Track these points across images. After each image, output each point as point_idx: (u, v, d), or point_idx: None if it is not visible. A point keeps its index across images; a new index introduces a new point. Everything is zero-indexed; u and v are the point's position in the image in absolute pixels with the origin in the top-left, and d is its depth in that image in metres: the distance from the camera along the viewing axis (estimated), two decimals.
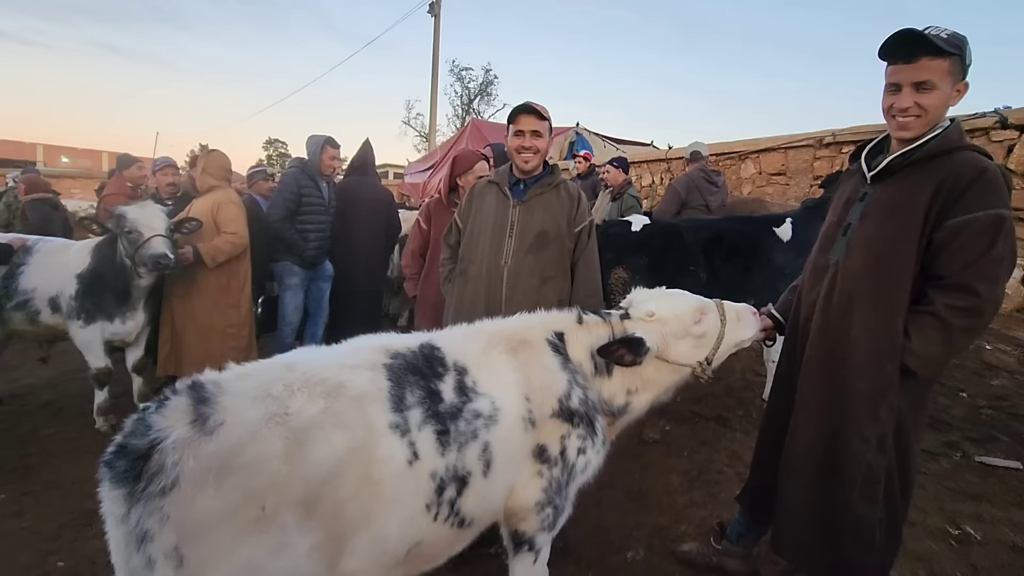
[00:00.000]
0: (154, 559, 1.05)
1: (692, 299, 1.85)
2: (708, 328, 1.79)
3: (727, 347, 1.84)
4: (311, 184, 4.30)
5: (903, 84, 1.60)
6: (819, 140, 7.15)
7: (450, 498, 1.39)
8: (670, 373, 1.81)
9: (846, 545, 1.75)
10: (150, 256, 3.28)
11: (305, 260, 4.30)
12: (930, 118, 1.60)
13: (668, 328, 1.76)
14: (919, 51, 1.55)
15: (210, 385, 1.17)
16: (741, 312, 1.89)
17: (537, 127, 2.31)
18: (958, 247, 1.55)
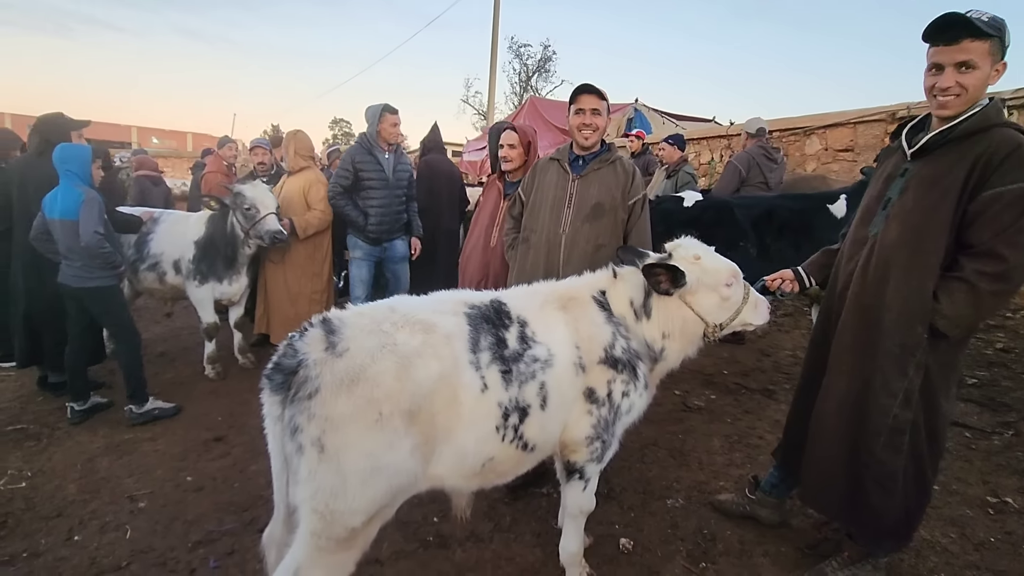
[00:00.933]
0: (303, 446, 1.41)
1: (731, 263, 2.00)
2: (733, 295, 1.95)
3: (739, 322, 1.99)
4: (369, 158, 4.08)
5: (945, 65, 1.71)
6: (892, 114, 6.84)
7: (514, 424, 1.69)
8: (692, 324, 1.96)
9: (869, 490, 1.93)
10: (267, 232, 3.90)
11: (368, 237, 4.17)
12: (969, 97, 1.71)
13: (705, 276, 1.91)
14: (962, 33, 1.66)
15: (336, 320, 1.52)
16: (760, 302, 2.05)
17: (597, 106, 2.53)
18: (990, 217, 1.68)
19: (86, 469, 2.96)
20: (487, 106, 17.78)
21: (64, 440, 3.27)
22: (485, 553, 2.33)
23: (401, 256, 4.38)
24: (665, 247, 2.04)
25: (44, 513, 2.59)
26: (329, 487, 1.41)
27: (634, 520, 2.55)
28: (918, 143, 1.86)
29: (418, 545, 2.37)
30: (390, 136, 4.12)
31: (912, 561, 2.26)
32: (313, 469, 1.41)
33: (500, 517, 2.56)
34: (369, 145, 4.11)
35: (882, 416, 1.88)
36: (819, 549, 2.31)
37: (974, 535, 2.42)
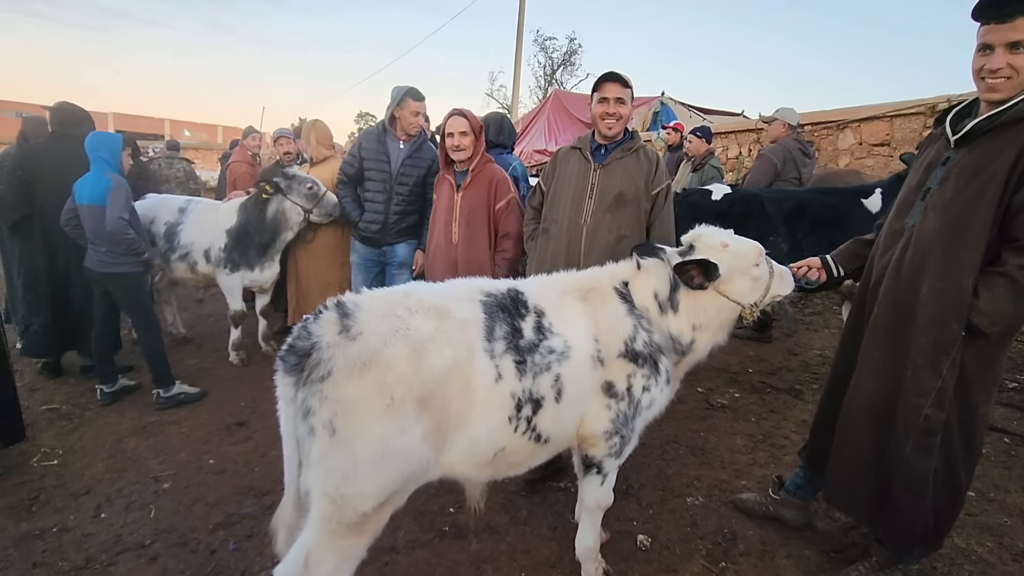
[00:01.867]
0: (315, 428, 1.40)
1: (754, 242, 1.96)
2: (763, 274, 1.92)
3: (769, 297, 1.95)
4: (376, 147, 3.60)
5: (996, 45, 1.59)
6: (932, 107, 6.56)
7: (527, 415, 1.65)
8: (728, 310, 1.92)
9: (898, 494, 1.84)
10: (334, 205, 4.01)
11: (362, 236, 3.74)
12: (1021, 80, 1.59)
13: (735, 262, 1.86)
14: (1015, 10, 1.54)
15: (350, 304, 1.50)
16: (783, 271, 2.03)
17: (621, 94, 2.46)
18: None
19: (114, 449, 3.04)
20: (511, 100, 17.71)
21: (94, 421, 3.36)
22: (501, 545, 2.31)
23: (400, 262, 3.78)
24: (683, 240, 1.99)
25: (74, 490, 2.67)
26: (340, 470, 1.41)
27: (652, 517, 2.50)
28: (963, 129, 1.75)
29: (434, 535, 2.36)
30: (409, 126, 3.59)
31: (945, 569, 2.16)
32: (324, 452, 1.40)
33: (517, 510, 2.53)
34: (381, 131, 3.65)
35: (913, 416, 1.79)
36: (845, 553, 2.23)
37: (1013, 545, 2.30)
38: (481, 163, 2.97)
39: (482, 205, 2.95)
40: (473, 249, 2.95)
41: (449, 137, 2.90)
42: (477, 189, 2.95)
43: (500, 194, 2.95)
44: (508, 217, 2.96)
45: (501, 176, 2.99)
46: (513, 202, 2.98)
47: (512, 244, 2.96)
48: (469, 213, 2.94)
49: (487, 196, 2.95)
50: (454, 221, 2.98)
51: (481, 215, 2.95)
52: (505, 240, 2.98)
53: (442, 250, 3.02)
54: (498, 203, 2.95)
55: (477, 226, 2.95)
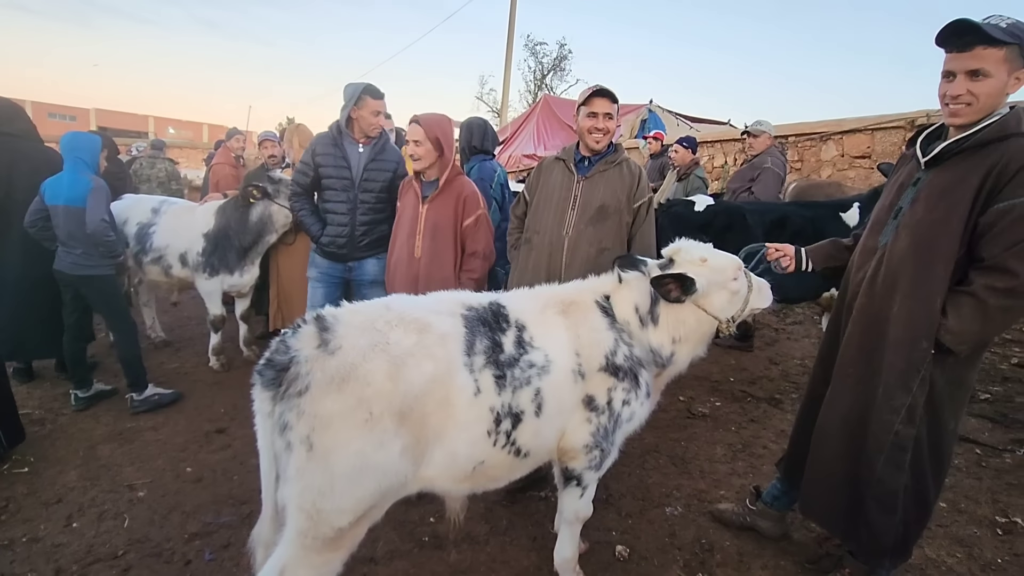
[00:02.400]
0: (292, 443, 1.39)
1: (733, 256, 1.99)
2: (741, 287, 1.94)
3: (747, 310, 1.98)
4: (332, 151, 3.23)
5: (957, 72, 1.65)
6: (911, 121, 6.72)
7: (506, 429, 1.66)
8: (707, 324, 1.95)
9: (869, 507, 1.88)
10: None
11: (324, 251, 3.36)
12: (981, 106, 1.65)
13: (714, 276, 1.88)
14: (973, 40, 1.59)
15: (330, 317, 1.50)
16: (762, 285, 2.05)
17: (609, 110, 2.49)
18: (1000, 230, 1.62)
19: (88, 456, 2.98)
20: (501, 104, 17.75)
21: (68, 427, 3.30)
22: (480, 555, 2.31)
23: (372, 279, 3.37)
24: (663, 252, 2.01)
25: (45, 499, 2.61)
26: (317, 486, 1.40)
27: (631, 527, 2.52)
28: (933, 151, 1.80)
29: (413, 545, 2.35)
30: (369, 127, 3.22)
31: None
32: (301, 467, 1.40)
33: (497, 520, 2.54)
34: (337, 135, 3.25)
35: (884, 432, 1.83)
36: (820, 564, 2.26)
37: (981, 556, 2.36)
38: (451, 175, 2.81)
39: (449, 220, 2.77)
40: (437, 266, 2.76)
41: (407, 144, 2.84)
42: (444, 203, 2.77)
43: (469, 210, 2.78)
44: (477, 234, 2.79)
45: (471, 191, 2.83)
46: (482, 219, 2.81)
47: (479, 263, 2.80)
48: (434, 227, 2.76)
49: (455, 211, 2.77)
50: (418, 234, 2.79)
51: (447, 230, 2.77)
52: (472, 259, 2.81)
53: (403, 264, 2.84)
54: (467, 219, 2.78)
55: (442, 241, 2.76)
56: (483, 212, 2.82)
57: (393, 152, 3.41)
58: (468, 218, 2.79)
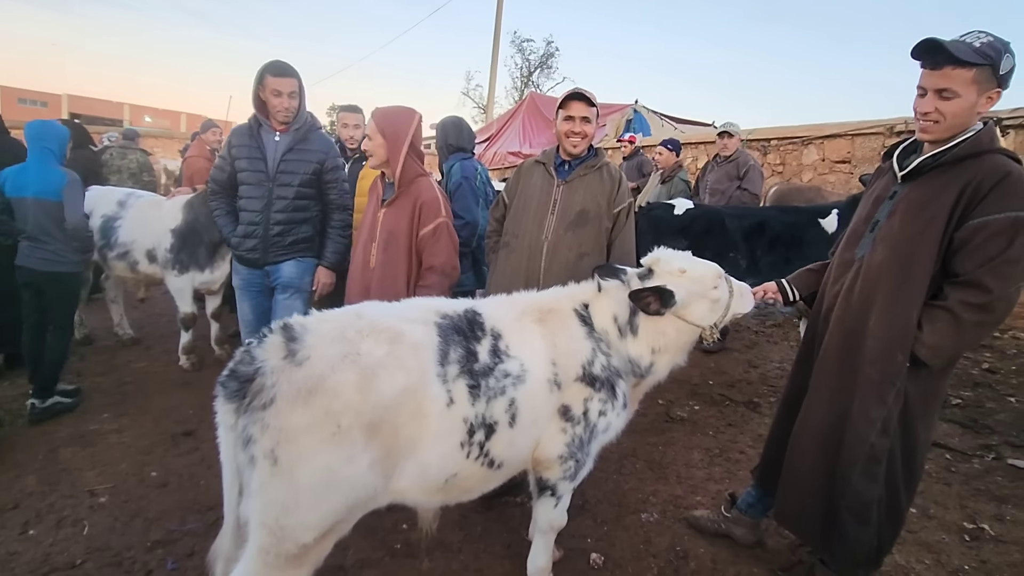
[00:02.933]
0: (256, 457, 1.34)
1: (712, 264, 1.97)
2: (722, 296, 1.92)
3: (729, 316, 1.97)
4: (247, 143, 2.92)
5: (928, 89, 1.66)
6: (890, 128, 6.83)
7: (479, 441, 1.62)
8: (688, 333, 1.94)
9: (844, 518, 1.89)
10: None
11: (238, 255, 3.06)
12: (949, 124, 1.66)
13: (693, 287, 1.87)
14: (942, 60, 1.60)
15: (298, 327, 1.44)
16: (743, 289, 2.03)
17: (586, 113, 2.44)
18: (975, 246, 1.63)
19: (48, 459, 2.87)
20: (487, 100, 17.65)
21: (26, 428, 3.17)
22: (453, 564, 2.27)
23: (286, 283, 3.03)
24: (642, 261, 1.99)
25: (0, 504, 2.50)
26: (280, 501, 1.35)
27: (607, 534, 2.50)
28: (909, 165, 1.81)
29: (385, 553, 2.31)
30: (276, 110, 2.86)
31: None
32: (265, 482, 1.34)
33: (471, 526, 2.50)
34: (254, 123, 2.94)
35: (859, 444, 1.83)
36: (792, 572, 2.27)
37: (949, 562, 2.39)
38: (406, 177, 2.47)
39: (403, 228, 2.46)
40: (389, 279, 2.47)
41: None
42: (400, 209, 2.47)
43: (426, 218, 2.45)
44: (435, 246, 2.46)
45: (430, 197, 2.49)
46: (443, 229, 2.48)
47: (436, 279, 2.46)
48: (388, 236, 2.48)
49: (410, 219, 2.46)
50: (374, 241, 2.52)
51: (401, 240, 2.46)
52: (429, 273, 2.47)
53: (358, 273, 2.59)
54: (423, 228, 2.46)
55: (395, 252, 2.46)
56: (444, 221, 2.49)
57: (321, 142, 3.03)
58: (425, 227, 2.46)
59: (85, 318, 4.66)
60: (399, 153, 2.45)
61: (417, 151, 2.56)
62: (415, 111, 2.56)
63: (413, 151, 2.52)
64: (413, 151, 2.52)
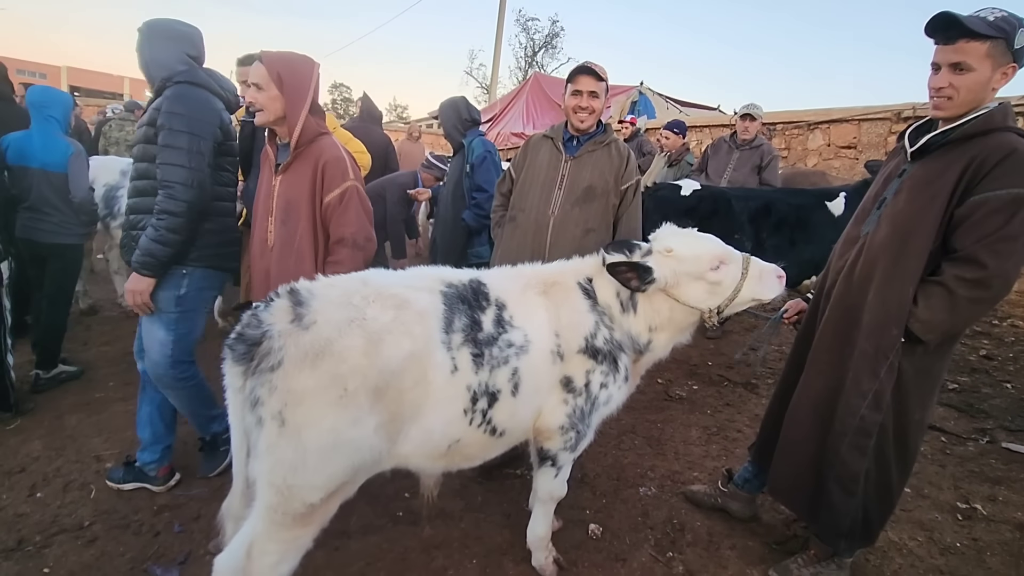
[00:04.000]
0: (263, 419, 1.36)
1: (716, 246, 1.88)
2: (724, 278, 1.84)
3: (743, 300, 1.88)
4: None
5: (942, 64, 1.65)
6: (897, 114, 6.76)
7: (482, 408, 1.64)
8: (683, 313, 1.89)
9: (831, 488, 1.92)
10: None
11: None
12: (962, 100, 1.65)
13: (683, 267, 1.82)
14: (957, 34, 1.59)
15: (304, 292, 1.45)
16: (765, 272, 1.89)
17: (595, 88, 2.42)
18: (974, 222, 1.63)
19: (54, 426, 2.91)
20: (490, 79, 17.45)
21: (33, 396, 3.20)
22: (454, 531, 2.31)
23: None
24: (649, 238, 1.97)
25: (7, 468, 2.55)
26: (288, 462, 1.37)
27: (605, 507, 2.54)
28: (918, 143, 1.80)
29: (387, 520, 2.35)
30: None
31: (877, 562, 2.27)
32: (272, 443, 1.36)
33: (471, 496, 2.54)
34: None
35: (850, 416, 1.86)
36: (787, 546, 2.31)
37: (941, 540, 2.43)
38: (304, 135, 2.11)
39: (304, 196, 2.11)
40: (291, 259, 2.14)
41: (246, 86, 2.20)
42: (298, 175, 2.12)
43: (331, 181, 2.11)
44: (343, 215, 2.11)
45: (333, 157, 2.13)
46: (351, 194, 2.13)
47: (348, 252, 2.11)
48: (287, 207, 2.14)
49: (311, 184, 2.11)
50: (270, 215, 2.18)
51: (302, 211, 2.12)
52: (338, 247, 2.13)
53: (258, 255, 2.26)
54: (328, 194, 2.11)
55: (296, 226, 2.13)
56: (353, 185, 2.15)
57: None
58: (330, 192, 2.11)
59: (89, 289, 4.68)
60: (301, 107, 2.10)
61: (318, 107, 2.23)
62: (314, 59, 2.20)
63: (314, 107, 2.18)
64: (314, 107, 2.18)
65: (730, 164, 5.04)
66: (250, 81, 2.10)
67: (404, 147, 9.09)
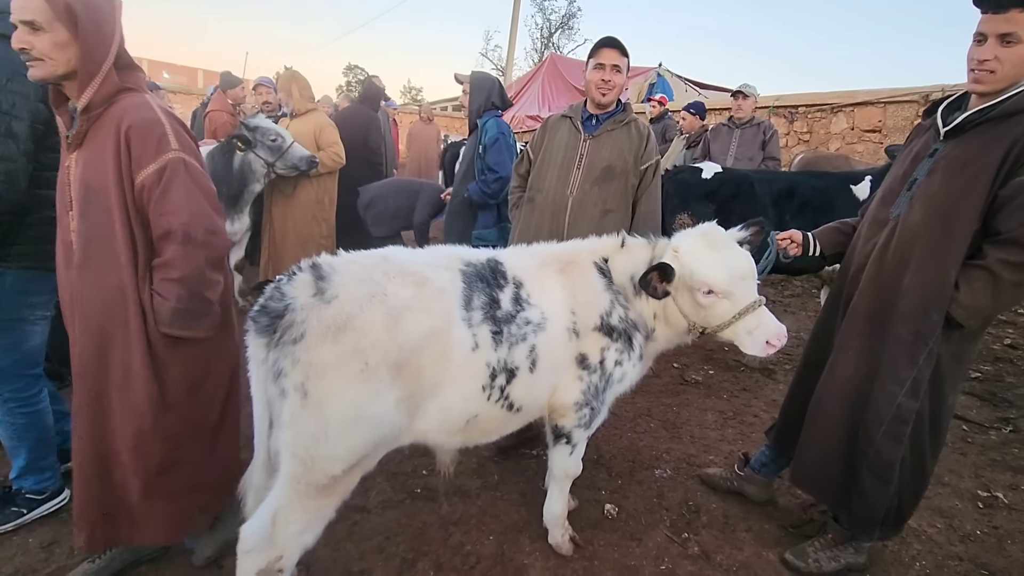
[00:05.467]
0: (286, 390, 1.38)
1: (720, 273, 1.72)
2: (712, 306, 1.75)
3: (723, 336, 1.81)
4: None
5: (989, 35, 1.58)
6: (926, 96, 6.57)
7: (500, 384, 1.66)
8: (674, 314, 1.86)
9: (864, 479, 1.89)
10: (300, 158, 3.89)
11: None
12: (1005, 74, 1.58)
13: (682, 272, 1.74)
14: (1008, 2, 1.52)
15: (326, 266, 1.46)
16: (760, 330, 1.74)
17: (618, 62, 2.38)
18: (1019, 204, 1.58)
19: None
20: (506, 61, 17.25)
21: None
22: (471, 508, 2.34)
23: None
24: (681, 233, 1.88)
25: None
26: (310, 433, 1.40)
27: (620, 487, 2.56)
28: (953, 121, 1.74)
29: (405, 496, 2.39)
30: None
31: (895, 547, 2.26)
32: (295, 414, 1.39)
33: (488, 475, 2.57)
34: None
35: (886, 404, 1.82)
36: (803, 529, 2.31)
37: (961, 527, 2.41)
38: (102, 95, 1.55)
39: (107, 178, 1.54)
40: (97, 267, 1.59)
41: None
42: (96, 149, 1.56)
43: (141, 154, 1.54)
44: (164, 199, 1.55)
45: (142, 119, 1.56)
46: (174, 168, 1.56)
47: (179, 251, 1.55)
48: (86, 195, 1.58)
49: (115, 160, 1.54)
50: (69, 210, 1.61)
51: (107, 199, 1.55)
52: (166, 244, 1.57)
53: (63, 263, 1.67)
54: (139, 172, 1.54)
55: (101, 220, 1.57)
56: (177, 158, 1.57)
57: None
58: (142, 170, 1.54)
59: None
60: (102, 57, 1.54)
61: (127, 59, 1.64)
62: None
63: (121, 59, 1.61)
64: (121, 59, 1.61)
65: (732, 144, 5.00)
66: (19, 19, 1.47)
67: (416, 129, 9.06)
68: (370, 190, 4.58)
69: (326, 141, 4.18)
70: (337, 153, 4.20)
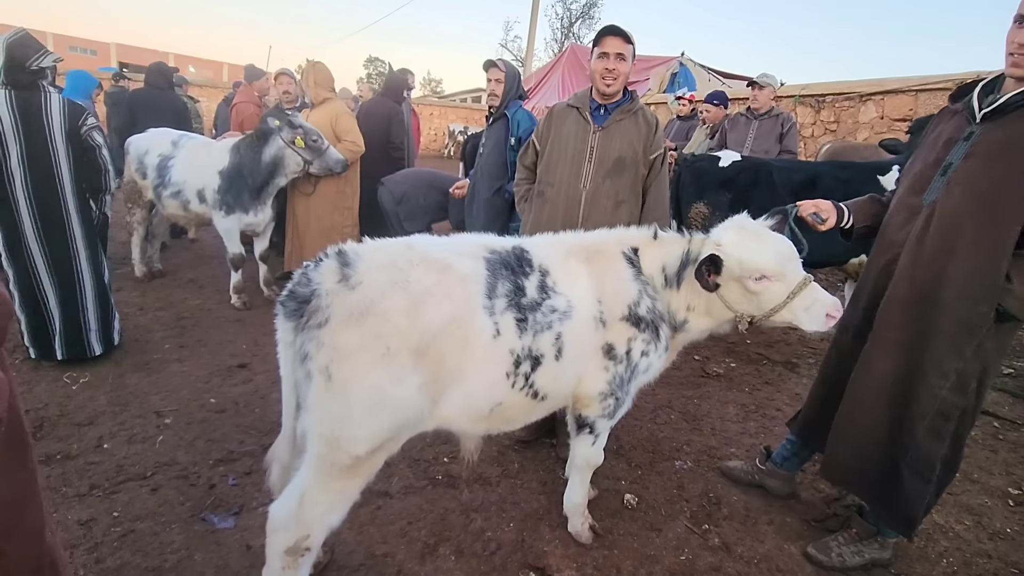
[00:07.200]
0: (312, 373, 1.42)
1: (770, 257, 1.73)
2: (765, 292, 1.75)
3: (779, 320, 1.80)
4: None
5: None
6: (959, 83, 6.35)
7: (525, 372, 1.67)
8: (719, 307, 1.85)
9: (903, 474, 1.83)
10: (336, 161, 4.05)
11: None
12: None
13: (727, 263, 1.74)
14: None
15: (351, 253, 1.49)
16: (816, 305, 1.74)
17: (622, 50, 2.34)
18: None
19: (116, 384, 3.09)
20: (526, 52, 17.14)
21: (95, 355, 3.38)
22: (491, 496, 2.37)
23: None
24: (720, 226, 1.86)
25: (77, 420, 2.72)
26: (335, 415, 1.43)
27: (640, 478, 2.56)
28: (992, 104, 1.68)
29: (427, 482, 2.43)
30: None
31: (922, 544, 2.22)
32: (320, 396, 1.43)
33: (508, 463, 2.60)
34: None
35: (929, 398, 1.76)
36: (826, 524, 2.28)
37: (990, 525, 2.36)
38: None
39: None
40: None
41: None
42: None
43: None
44: None
45: None
46: None
47: None
48: None
49: None
50: None
51: None
52: None
53: None
54: None
55: None
56: None
57: None
58: None
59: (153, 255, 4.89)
60: None
61: None
62: None
63: None
64: None
65: (750, 135, 4.89)
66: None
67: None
68: (398, 184, 4.57)
69: (343, 128, 4.23)
70: (354, 142, 4.24)
